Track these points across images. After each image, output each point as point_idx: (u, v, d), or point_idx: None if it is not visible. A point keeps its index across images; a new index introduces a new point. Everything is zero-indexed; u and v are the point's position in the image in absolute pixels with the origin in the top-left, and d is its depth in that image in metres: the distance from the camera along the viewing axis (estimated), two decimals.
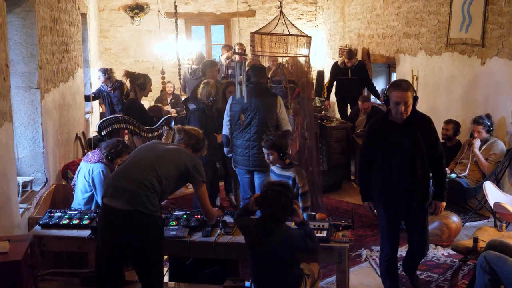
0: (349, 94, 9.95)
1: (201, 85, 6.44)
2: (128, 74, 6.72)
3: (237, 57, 9.49)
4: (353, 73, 9.96)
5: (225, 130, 6.08)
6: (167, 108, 9.58)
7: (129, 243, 3.85)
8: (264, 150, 4.95)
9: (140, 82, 6.56)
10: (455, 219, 5.86)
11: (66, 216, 4.55)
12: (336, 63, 10.46)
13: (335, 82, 10.39)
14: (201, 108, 6.34)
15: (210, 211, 4.30)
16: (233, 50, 10.68)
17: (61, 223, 4.48)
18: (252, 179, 6.01)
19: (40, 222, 4.53)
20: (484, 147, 6.25)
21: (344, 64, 10.03)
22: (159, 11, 10.34)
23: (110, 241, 3.89)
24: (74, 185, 5.31)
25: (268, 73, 7.00)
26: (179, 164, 4.08)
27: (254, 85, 5.90)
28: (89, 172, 5.06)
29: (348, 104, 10.28)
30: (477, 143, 6.25)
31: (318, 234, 4.15)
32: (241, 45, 10.65)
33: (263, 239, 3.74)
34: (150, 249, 3.90)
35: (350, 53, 9.95)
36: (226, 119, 6.06)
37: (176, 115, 8.60)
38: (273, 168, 5.01)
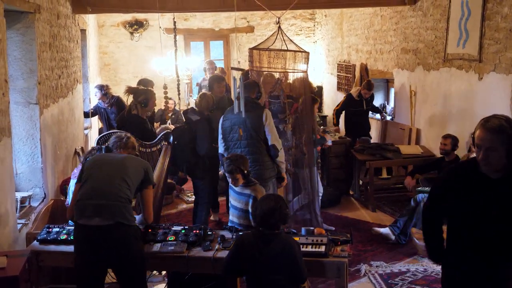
0: (363, 126, 9.54)
1: (198, 98, 6.61)
2: (130, 90, 6.62)
3: (235, 73, 9.54)
4: (367, 104, 9.45)
5: (221, 149, 6.08)
6: (168, 124, 9.60)
7: (115, 257, 3.91)
8: (227, 175, 4.88)
9: (142, 99, 6.47)
10: None
11: (64, 232, 4.53)
12: (350, 95, 9.54)
13: (344, 114, 9.73)
14: (206, 117, 6.43)
15: (151, 214, 4.35)
16: (203, 68, 10.84)
17: (59, 238, 4.46)
18: None
19: (38, 238, 4.51)
20: None
21: (360, 95, 9.33)
22: (160, 27, 10.38)
23: (95, 259, 3.93)
24: (67, 203, 5.30)
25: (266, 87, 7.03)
26: (139, 169, 4.19)
27: (244, 100, 5.93)
28: None
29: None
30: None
31: (316, 249, 4.14)
32: (211, 63, 10.74)
33: (263, 248, 3.72)
34: (136, 258, 3.99)
35: (369, 84, 9.30)
36: (220, 137, 6.08)
37: None
38: (232, 185, 4.98)
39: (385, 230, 6.45)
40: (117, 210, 3.90)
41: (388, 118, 9.91)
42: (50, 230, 4.58)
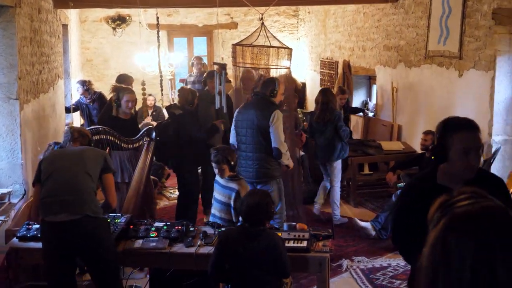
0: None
1: (177, 92, 6.70)
2: (114, 89, 6.43)
3: (215, 67, 9.56)
4: (345, 110, 8.65)
5: (232, 139, 6.09)
6: (148, 120, 9.56)
7: (86, 250, 3.95)
8: (214, 165, 4.88)
9: (114, 99, 6.19)
10: None
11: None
12: None
13: None
14: (189, 111, 6.44)
15: (114, 198, 4.42)
16: (191, 63, 10.83)
17: (39, 235, 4.43)
18: None
19: (18, 235, 4.47)
20: None
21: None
22: (140, 23, 10.33)
23: (65, 255, 3.97)
24: None
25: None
26: (99, 159, 4.22)
27: (257, 97, 5.93)
28: None
29: None
30: None
31: (298, 244, 4.16)
32: (199, 58, 10.75)
33: (248, 244, 3.73)
34: (108, 248, 4.04)
35: (341, 89, 8.92)
36: (232, 127, 6.09)
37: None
38: (217, 178, 4.98)
39: (365, 224, 6.49)
40: (83, 203, 3.93)
41: (370, 114, 9.96)
42: (30, 227, 4.55)
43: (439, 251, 1.41)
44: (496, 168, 6.12)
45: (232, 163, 4.85)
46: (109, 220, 4.35)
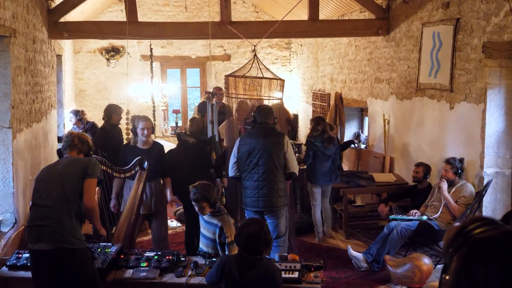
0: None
1: (188, 122, 6.67)
2: (131, 119, 6.48)
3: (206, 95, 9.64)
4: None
5: (231, 173, 6.00)
6: None
7: (66, 280, 3.90)
8: (194, 204, 4.82)
9: (131, 127, 6.25)
10: (426, 261, 5.90)
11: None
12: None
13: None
14: (202, 139, 6.49)
15: (91, 200, 4.12)
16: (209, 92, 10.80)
17: (29, 264, 4.40)
18: None
19: (8, 264, 4.44)
20: (453, 189, 6.33)
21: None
22: (128, 53, 10.41)
23: (46, 283, 3.94)
24: None
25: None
26: (80, 171, 4.09)
27: (261, 125, 5.92)
28: None
29: None
30: (444, 186, 6.31)
31: (289, 275, 4.14)
32: (219, 89, 10.73)
33: (245, 272, 3.70)
34: (86, 278, 3.96)
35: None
36: (233, 160, 5.98)
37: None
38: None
39: (358, 254, 6.44)
40: (58, 235, 3.87)
41: (362, 146, 10.00)
42: (20, 256, 4.52)
43: (463, 280, 1.39)
44: (488, 201, 6.14)
45: (212, 200, 4.77)
46: (99, 250, 4.31)
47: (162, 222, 6.21)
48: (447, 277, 1.42)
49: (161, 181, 6.29)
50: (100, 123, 8.56)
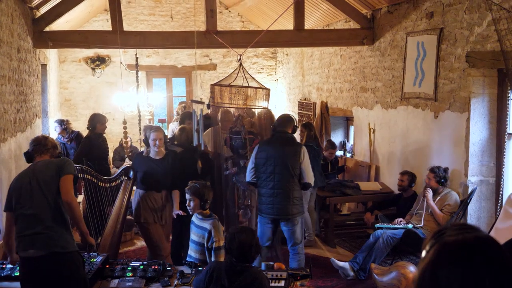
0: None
1: (178, 131, 6.71)
2: (143, 129, 6.57)
3: (199, 106, 9.63)
4: (332, 167, 8.82)
5: (248, 177, 6.08)
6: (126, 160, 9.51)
7: (56, 285, 3.89)
8: (187, 196, 4.82)
9: (144, 138, 6.32)
10: (412, 269, 5.90)
11: (18, 268, 4.43)
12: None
13: None
14: (190, 148, 6.50)
15: (68, 193, 4.03)
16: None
17: (12, 275, 4.36)
18: (274, 229, 6.03)
19: None
20: (438, 198, 6.37)
21: (324, 158, 8.54)
22: (121, 63, 10.38)
23: None
24: None
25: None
26: (55, 171, 4.06)
27: (280, 134, 6.01)
28: None
29: None
30: (429, 194, 6.35)
31: (275, 284, 4.14)
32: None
33: (232, 278, 3.69)
34: (76, 284, 3.94)
35: (332, 143, 8.85)
36: (250, 166, 6.06)
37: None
38: (193, 218, 4.92)
39: (343, 264, 6.45)
40: (50, 239, 3.87)
41: (348, 155, 10.04)
42: (4, 266, 4.47)
43: (428, 279, 1.42)
44: (472, 209, 6.18)
45: (204, 199, 4.76)
46: (84, 260, 4.28)
47: (167, 236, 6.15)
48: (415, 275, 1.49)
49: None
50: (85, 132, 8.53)
